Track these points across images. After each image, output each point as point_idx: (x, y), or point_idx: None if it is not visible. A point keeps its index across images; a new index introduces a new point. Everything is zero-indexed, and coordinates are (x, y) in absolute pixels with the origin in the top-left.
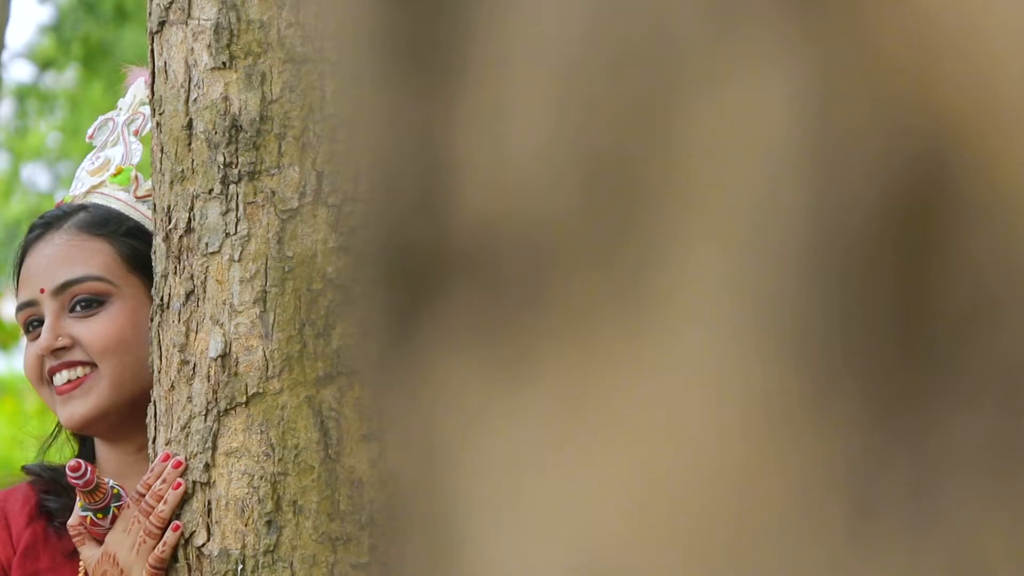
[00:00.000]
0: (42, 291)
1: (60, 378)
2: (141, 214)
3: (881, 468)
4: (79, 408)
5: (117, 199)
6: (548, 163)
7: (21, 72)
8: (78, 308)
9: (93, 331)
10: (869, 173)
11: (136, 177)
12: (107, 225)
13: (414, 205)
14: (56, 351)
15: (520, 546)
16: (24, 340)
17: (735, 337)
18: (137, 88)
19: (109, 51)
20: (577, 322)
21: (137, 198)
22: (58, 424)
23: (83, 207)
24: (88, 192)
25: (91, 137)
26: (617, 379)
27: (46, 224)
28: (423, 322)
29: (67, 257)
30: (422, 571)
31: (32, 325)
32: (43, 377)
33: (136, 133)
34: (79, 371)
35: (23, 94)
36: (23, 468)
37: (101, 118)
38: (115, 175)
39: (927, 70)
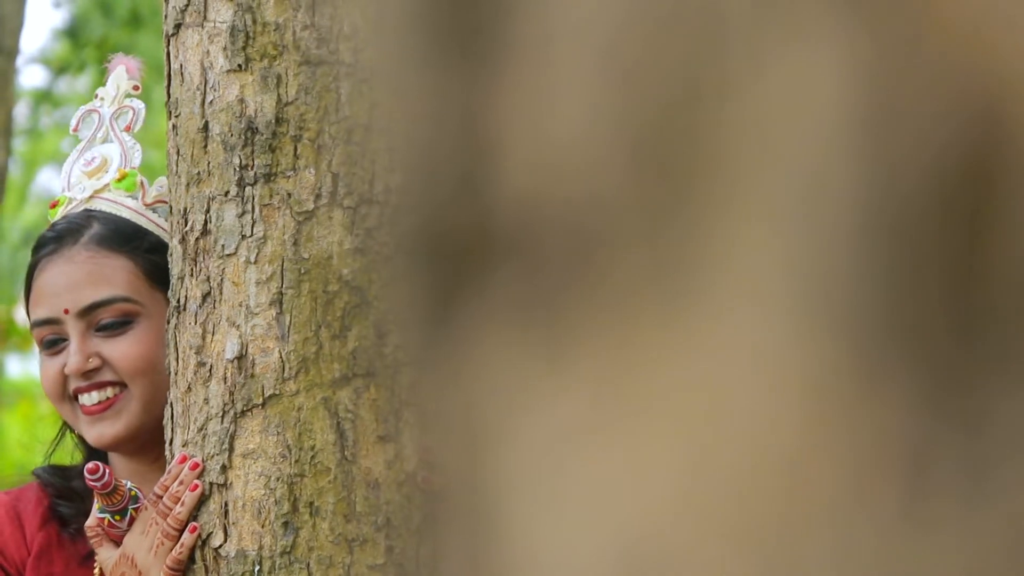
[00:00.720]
0: (66, 311)
1: (89, 399)
2: (150, 221)
3: (935, 448)
4: (109, 429)
5: (126, 207)
6: (591, 142)
7: (35, 77)
8: (104, 328)
9: (122, 352)
10: (923, 141)
11: (142, 183)
12: (128, 241)
13: (456, 187)
14: (85, 372)
15: (562, 528)
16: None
17: (784, 316)
18: (119, 77)
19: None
20: (621, 302)
21: (146, 205)
22: (62, 426)
23: (92, 216)
24: (91, 197)
25: (75, 130)
26: (662, 359)
27: (58, 238)
28: (464, 303)
29: (90, 276)
30: (463, 554)
31: (50, 342)
32: (65, 395)
33: (127, 129)
34: (109, 392)
35: (37, 99)
36: (34, 472)
37: (83, 109)
38: (119, 180)
39: (982, 32)
